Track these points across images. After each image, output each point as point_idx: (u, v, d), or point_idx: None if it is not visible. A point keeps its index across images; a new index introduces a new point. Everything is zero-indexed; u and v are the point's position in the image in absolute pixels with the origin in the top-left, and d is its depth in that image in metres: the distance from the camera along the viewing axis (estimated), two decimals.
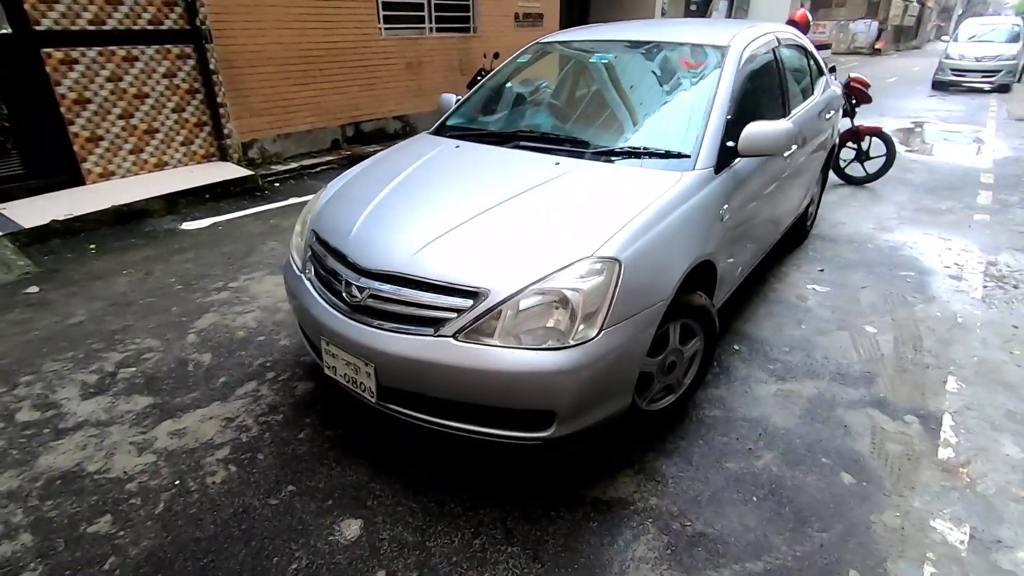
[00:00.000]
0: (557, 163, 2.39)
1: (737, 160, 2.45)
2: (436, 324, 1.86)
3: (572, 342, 1.78)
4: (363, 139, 7.44)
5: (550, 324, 1.80)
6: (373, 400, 2.01)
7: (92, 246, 4.31)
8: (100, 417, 2.45)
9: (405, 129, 7.96)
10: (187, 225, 4.86)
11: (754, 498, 2.06)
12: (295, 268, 2.35)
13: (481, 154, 2.63)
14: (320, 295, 2.14)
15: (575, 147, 2.53)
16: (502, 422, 1.90)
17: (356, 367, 2.01)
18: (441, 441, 2.25)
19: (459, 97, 3.16)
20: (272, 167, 6.31)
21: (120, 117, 5.23)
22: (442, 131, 3.00)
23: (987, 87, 13.79)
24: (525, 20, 9.40)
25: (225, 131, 5.96)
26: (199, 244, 4.42)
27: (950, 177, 6.44)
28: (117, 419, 2.44)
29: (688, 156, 2.32)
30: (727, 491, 2.09)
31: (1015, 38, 14.42)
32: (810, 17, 6.98)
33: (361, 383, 2.02)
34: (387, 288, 1.94)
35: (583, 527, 1.95)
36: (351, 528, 1.94)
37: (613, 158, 2.42)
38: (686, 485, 2.11)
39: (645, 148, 2.46)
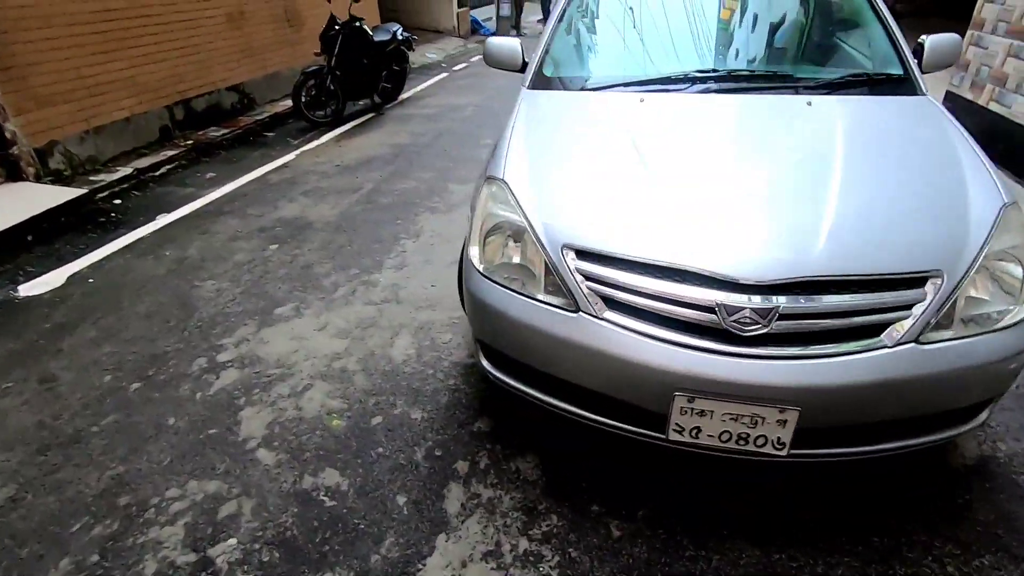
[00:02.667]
0: (809, 103, 1.97)
1: None
2: (873, 332, 1.40)
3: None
4: (197, 121, 5.61)
5: (998, 299, 1.48)
6: (783, 453, 1.48)
7: None
8: None
9: (243, 103, 6.24)
10: (28, 289, 3.10)
11: None
12: (560, 311, 1.57)
13: (696, 107, 2.05)
14: (655, 337, 1.46)
15: (782, 81, 2.12)
16: (933, 426, 1.56)
17: (755, 419, 1.43)
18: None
19: (499, 36, 2.46)
20: (94, 177, 4.37)
21: None
22: (546, 84, 2.30)
23: None
24: None
25: (6, 134, 3.89)
26: (79, 312, 2.85)
27: None
28: None
29: (907, 78, 2.11)
30: None
31: None
32: None
33: (760, 438, 1.46)
34: (802, 303, 1.39)
35: None
36: None
37: (846, 89, 2.06)
38: None
39: (873, 74, 2.15)
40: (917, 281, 1.41)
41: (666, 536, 1.65)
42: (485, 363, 1.84)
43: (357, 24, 6.07)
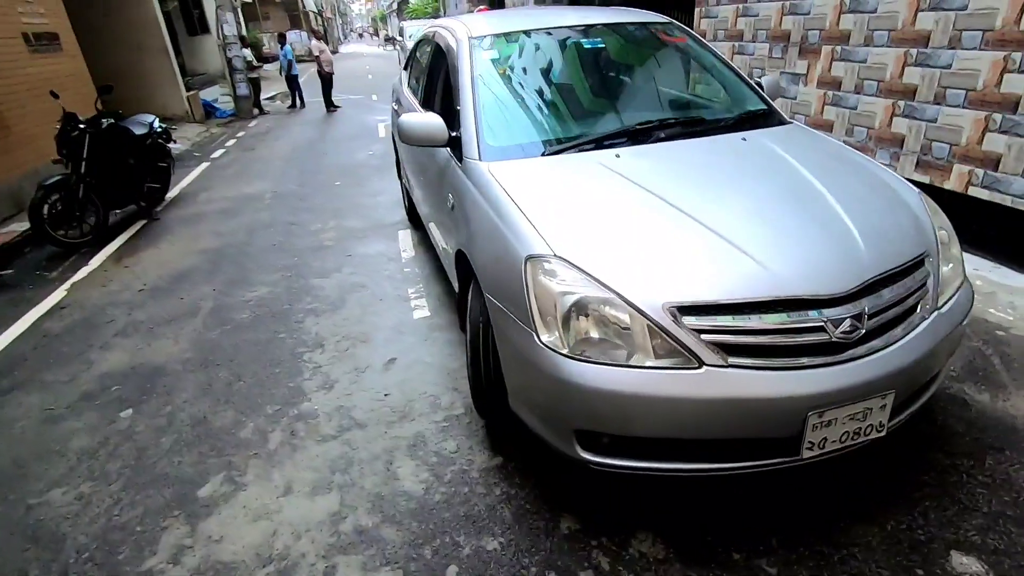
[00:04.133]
0: (744, 139, 2.27)
1: None
2: (912, 310, 1.70)
3: None
4: None
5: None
6: (883, 433, 1.66)
7: None
8: None
9: None
10: None
11: None
12: (682, 370, 1.51)
13: (669, 155, 2.20)
14: (781, 368, 1.52)
15: (698, 125, 2.41)
16: (934, 380, 1.92)
17: (865, 412, 1.59)
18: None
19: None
20: None
21: None
22: (503, 153, 2.22)
23: None
24: (40, 44, 6.43)
25: None
26: None
27: None
28: None
29: (772, 111, 2.59)
30: None
31: None
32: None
33: (867, 428, 1.62)
34: (878, 300, 1.61)
35: None
36: None
37: (743, 125, 2.42)
38: None
39: (754, 111, 2.54)
40: (921, 262, 1.75)
41: (800, 549, 1.70)
42: (584, 454, 1.66)
43: (110, 121, 5.01)
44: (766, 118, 2.52)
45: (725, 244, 1.67)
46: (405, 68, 4.28)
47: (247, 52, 12.26)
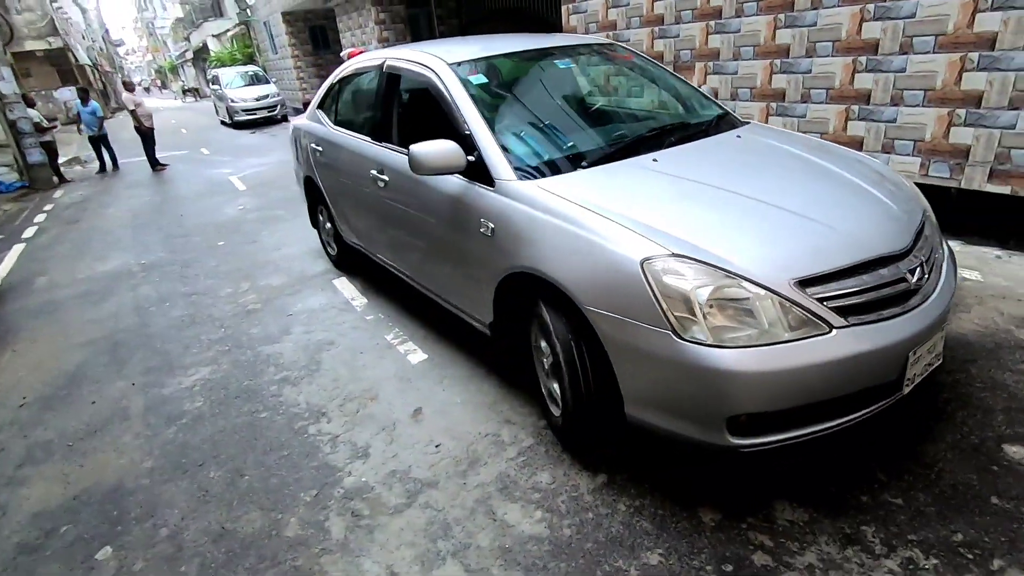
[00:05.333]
0: (738, 136, 2.51)
1: None
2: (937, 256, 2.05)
3: None
4: None
5: None
6: (940, 360, 1.96)
7: None
8: None
9: None
10: None
11: None
12: (816, 338, 1.63)
13: (697, 156, 2.35)
14: (886, 318, 1.72)
15: (685, 130, 2.61)
16: None
17: (934, 344, 1.88)
18: None
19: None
20: None
21: None
22: (539, 171, 2.20)
23: (279, 117, 16.76)
24: None
25: None
26: None
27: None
28: None
29: (728, 114, 2.92)
30: None
31: (261, 80, 17.70)
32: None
33: (934, 358, 1.91)
34: (919, 244, 1.91)
35: None
36: None
37: (730, 125, 2.68)
38: None
39: (720, 114, 2.80)
40: (928, 222, 2.12)
41: (904, 476, 1.92)
42: (734, 440, 1.70)
43: None
44: (730, 119, 2.83)
45: (807, 221, 1.86)
46: (320, 107, 3.99)
47: (34, 112, 10.35)
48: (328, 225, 4.30)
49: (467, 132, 2.38)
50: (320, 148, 3.82)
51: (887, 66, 3.70)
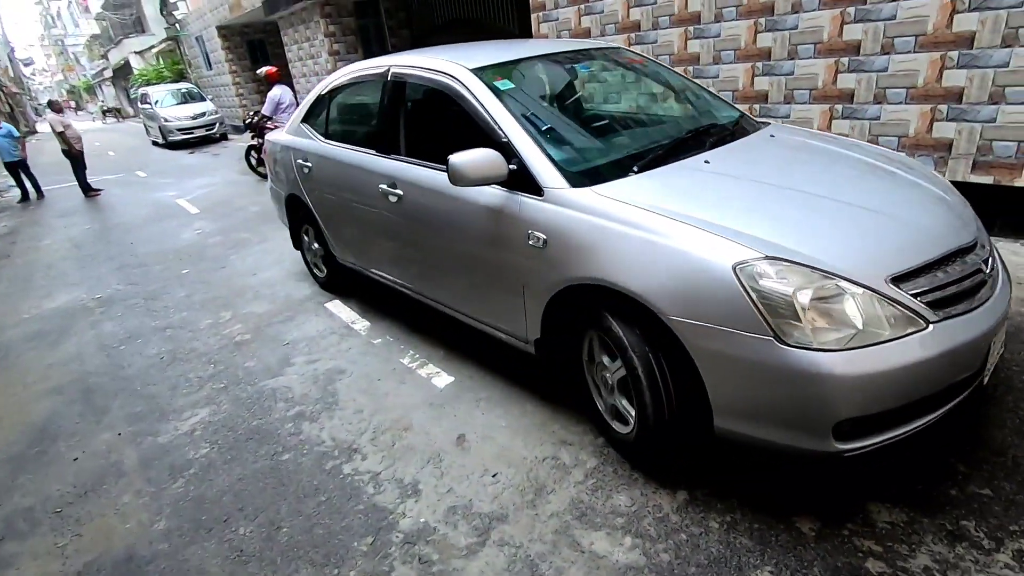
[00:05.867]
0: (772, 135, 2.49)
1: None
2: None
3: None
4: None
5: None
6: (1003, 348, 1.99)
7: None
8: None
9: None
10: None
11: None
12: (916, 335, 1.60)
13: (745, 157, 2.30)
14: (970, 309, 1.72)
15: (721, 131, 2.57)
16: None
17: (1003, 333, 1.90)
18: None
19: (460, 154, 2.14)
20: None
21: None
22: (593, 178, 2.09)
23: (218, 135, 15.96)
24: None
25: None
26: None
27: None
28: None
29: (744, 115, 2.91)
30: None
31: (196, 97, 16.84)
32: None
33: (1000, 345, 1.93)
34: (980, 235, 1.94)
35: None
36: None
37: (753, 127, 2.65)
38: None
39: (739, 115, 2.78)
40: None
41: (983, 466, 1.93)
42: (839, 445, 1.64)
43: None
44: (748, 120, 2.83)
45: (882, 216, 1.84)
46: (305, 121, 3.74)
47: None
48: (315, 245, 4.04)
49: (504, 140, 2.25)
50: (309, 164, 3.58)
51: (869, 66, 3.85)
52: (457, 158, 2.13)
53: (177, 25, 18.23)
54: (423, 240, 2.78)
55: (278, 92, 7.58)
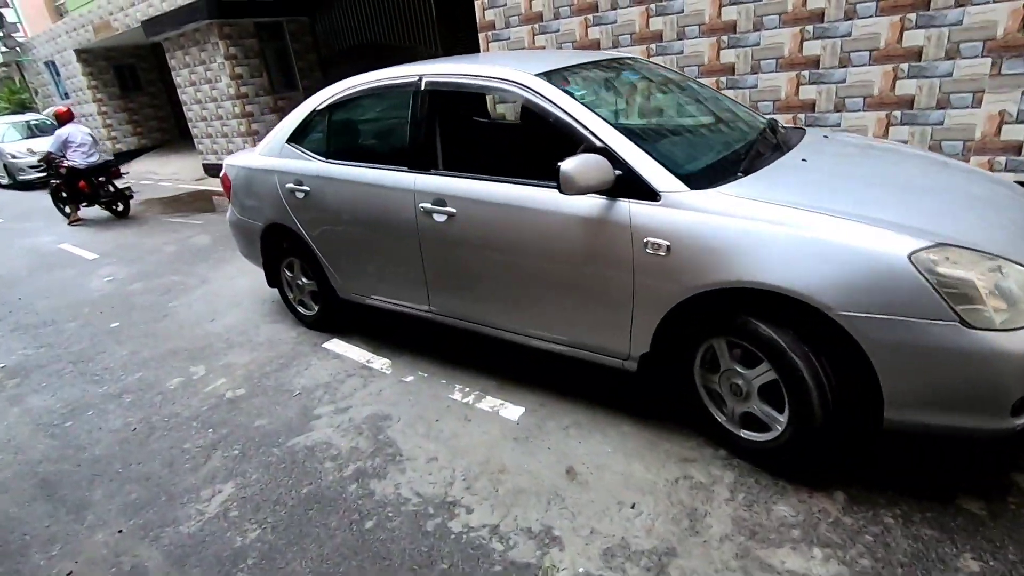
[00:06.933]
0: (825, 136, 2.59)
1: None
2: None
3: None
4: None
5: None
6: None
7: None
8: None
9: None
10: None
11: None
12: None
13: (831, 156, 2.37)
14: None
15: (775, 134, 2.62)
16: None
17: None
18: None
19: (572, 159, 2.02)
20: None
21: None
22: (720, 175, 2.04)
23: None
24: None
25: None
26: None
27: None
28: None
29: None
30: None
31: (48, 130, 14.67)
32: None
33: None
34: None
35: None
36: None
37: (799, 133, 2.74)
38: None
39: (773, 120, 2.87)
40: None
41: None
42: (1017, 421, 1.68)
43: None
44: (784, 126, 2.93)
45: (990, 204, 1.96)
46: (293, 141, 3.32)
47: None
48: (303, 280, 3.59)
49: (600, 146, 2.12)
50: (305, 188, 3.17)
51: (932, 71, 4.21)
52: (569, 164, 1.97)
53: (18, 48, 15.86)
54: (485, 259, 2.54)
55: (67, 131, 7.82)
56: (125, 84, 14.35)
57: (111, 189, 8.17)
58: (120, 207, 8.37)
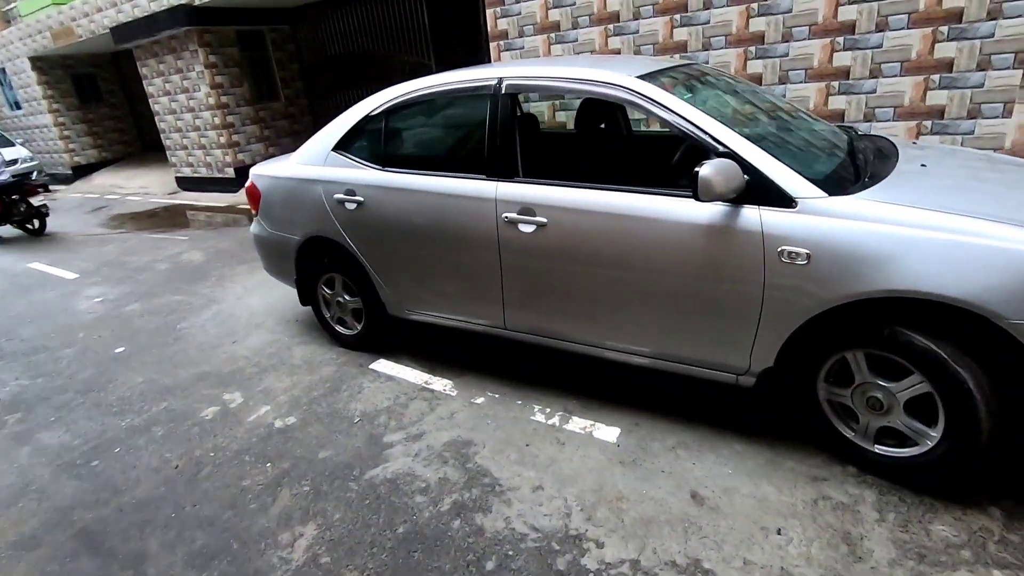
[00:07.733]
0: (914, 142, 2.56)
1: None
2: None
3: None
4: None
5: None
6: None
7: None
8: None
9: None
10: None
11: None
12: None
13: (933, 164, 2.28)
14: None
15: (862, 140, 2.59)
16: None
17: None
18: None
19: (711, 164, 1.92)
20: None
21: None
22: (831, 187, 1.94)
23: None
24: None
25: None
26: None
27: None
28: None
29: None
30: None
31: (2, 141, 13.79)
32: None
33: None
34: None
35: None
36: None
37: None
38: None
39: None
40: None
41: None
42: None
43: None
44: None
45: None
46: (340, 148, 3.10)
47: None
48: (345, 297, 3.35)
49: (724, 151, 2.02)
50: (359, 199, 2.95)
51: (963, 82, 4.27)
52: (708, 169, 1.86)
53: None
54: (581, 271, 2.39)
55: None
56: (84, 95, 13.56)
57: (23, 208, 7.89)
58: (36, 225, 8.13)
